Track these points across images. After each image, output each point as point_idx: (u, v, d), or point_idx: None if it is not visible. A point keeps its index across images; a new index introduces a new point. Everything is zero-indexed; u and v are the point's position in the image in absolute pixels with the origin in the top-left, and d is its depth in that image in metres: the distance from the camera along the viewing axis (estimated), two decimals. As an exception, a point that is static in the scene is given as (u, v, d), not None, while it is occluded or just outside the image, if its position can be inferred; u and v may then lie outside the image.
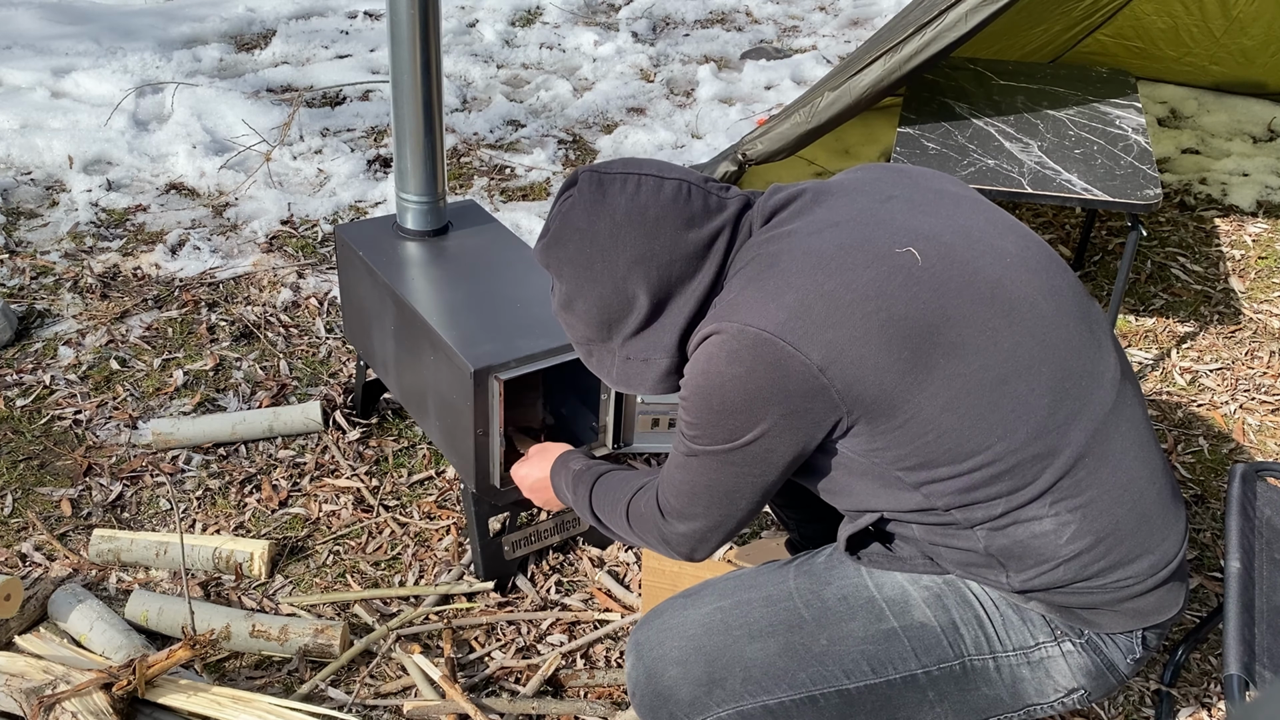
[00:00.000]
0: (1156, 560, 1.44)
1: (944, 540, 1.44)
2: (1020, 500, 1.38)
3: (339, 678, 2.12)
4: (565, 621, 2.26)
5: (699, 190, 1.48)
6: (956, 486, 1.37)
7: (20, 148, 4.04)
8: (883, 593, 1.51)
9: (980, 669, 1.48)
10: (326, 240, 3.64)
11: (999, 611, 1.48)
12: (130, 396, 2.88)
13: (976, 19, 2.69)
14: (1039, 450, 1.37)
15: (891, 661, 1.47)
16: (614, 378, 1.57)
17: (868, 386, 1.32)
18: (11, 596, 2.08)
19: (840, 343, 1.32)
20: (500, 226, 2.56)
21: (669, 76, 5.08)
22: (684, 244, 1.45)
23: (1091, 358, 1.43)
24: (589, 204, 1.48)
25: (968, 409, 1.34)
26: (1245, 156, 4.35)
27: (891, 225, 1.41)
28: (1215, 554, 2.50)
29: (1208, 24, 4.28)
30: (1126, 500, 1.41)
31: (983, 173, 2.73)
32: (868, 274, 1.34)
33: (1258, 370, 3.16)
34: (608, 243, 1.46)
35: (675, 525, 1.53)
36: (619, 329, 1.51)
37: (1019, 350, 1.36)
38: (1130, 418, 1.45)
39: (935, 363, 1.33)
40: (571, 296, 1.52)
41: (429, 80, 2.30)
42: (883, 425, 1.35)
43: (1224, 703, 1.92)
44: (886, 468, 1.39)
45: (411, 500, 2.58)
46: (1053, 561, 1.40)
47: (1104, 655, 1.47)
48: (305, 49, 5.23)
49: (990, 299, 1.37)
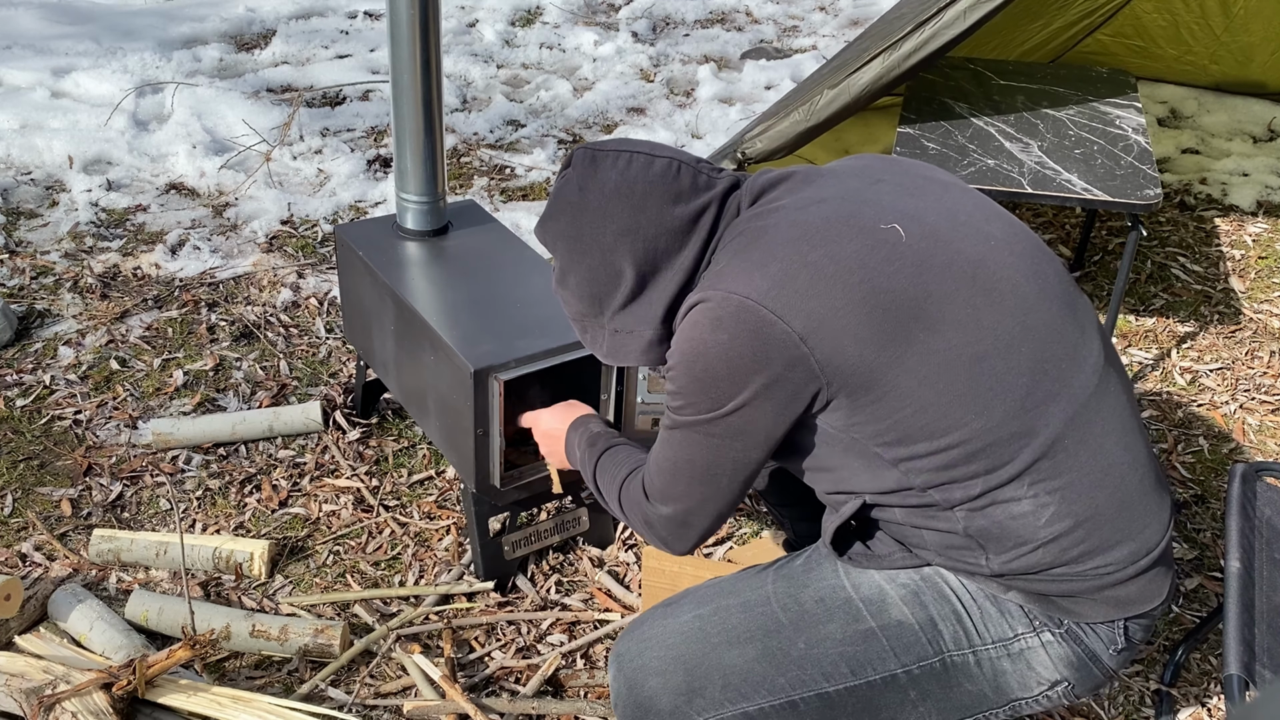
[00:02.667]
0: (1137, 548, 1.44)
1: (925, 523, 1.44)
2: (998, 480, 1.38)
3: (339, 678, 2.12)
4: (565, 621, 2.26)
5: (689, 168, 1.50)
6: (934, 464, 1.38)
7: (20, 148, 4.04)
8: (860, 593, 1.51)
9: (961, 664, 1.48)
10: (326, 240, 3.64)
11: (976, 605, 1.48)
12: (130, 396, 2.88)
13: (975, 16, 2.69)
14: (1016, 429, 1.37)
15: (870, 662, 1.48)
16: (604, 351, 1.59)
17: (848, 357, 1.34)
18: (11, 596, 2.08)
19: (822, 312, 1.33)
20: (500, 226, 2.56)
21: (669, 76, 5.08)
22: (670, 219, 1.47)
23: (1074, 342, 1.43)
24: (581, 178, 1.52)
25: (945, 384, 1.35)
26: (1245, 156, 4.35)
27: (878, 204, 1.43)
28: (1215, 554, 2.50)
29: (1208, 21, 4.28)
30: (1107, 485, 1.42)
31: (983, 173, 2.73)
32: (851, 246, 1.36)
33: (1258, 370, 3.16)
34: (596, 215, 1.49)
35: (658, 507, 1.54)
36: (608, 303, 1.53)
37: (999, 329, 1.37)
38: (1114, 405, 1.45)
39: (915, 337, 1.34)
40: (565, 270, 1.56)
41: (429, 80, 2.30)
42: (862, 398, 1.36)
43: (1224, 703, 1.92)
44: (866, 443, 1.40)
45: (411, 500, 2.58)
46: (1031, 544, 1.40)
47: (1085, 645, 1.47)
48: (305, 49, 5.23)
49: (972, 278, 1.38)
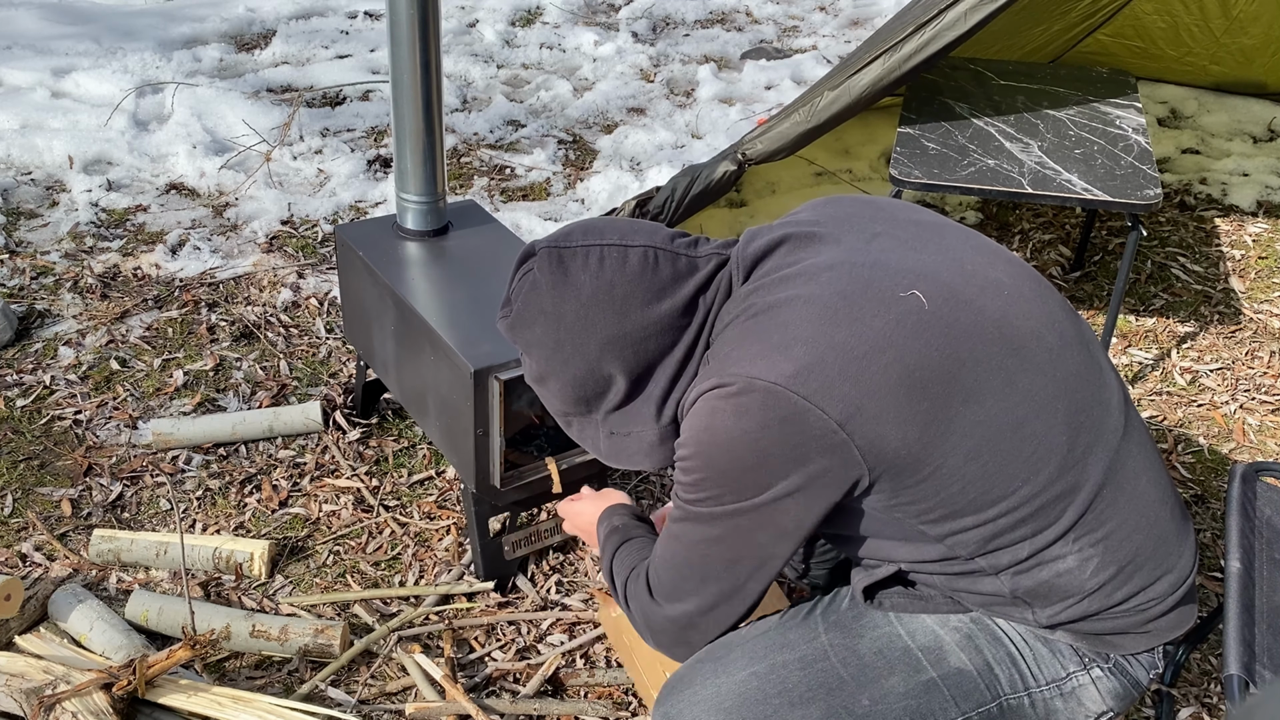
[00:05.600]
0: (1175, 579, 1.43)
1: (968, 587, 1.41)
2: (1044, 541, 1.35)
3: (339, 678, 2.12)
4: (565, 621, 2.26)
5: (667, 255, 1.40)
6: (981, 535, 1.34)
7: (20, 148, 4.04)
8: (916, 641, 1.45)
9: (1016, 707, 1.46)
10: (326, 240, 3.64)
11: (1029, 646, 1.45)
12: (130, 396, 2.88)
13: (976, 18, 2.69)
14: (1062, 489, 1.33)
15: (933, 713, 1.43)
16: (603, 453, 1.51)
17: (890, 442, 1.26)
18: (12, 596, 2.08)
19: (858, 396, 1.25)
20: (500, 226, 2.56)
21: (669, 76, 5.08)
22: (657, 317, 1.38)
23: (1097, 384, 1.40)
24: (551, 285, 1.40)
25: (991, 456, 1.30)
26: (1245, 156, 4.35)
27: (887, 266, 1.34)
28: (1215, 554, 2.50)
29: (1208, 23, 4.28)
30: (1144, 526, 1.40)
31: (983, 173, 2.73)
32: (877, 323, 1.28)
33: (1258, 370, 3.16)
34: (576, 325, 1.39)
35: (663, 608, 1.44)
36: (598, 404, 1.46)
37: (1034, 389, 1.32)
38: (1138, 439, 1.44)
39: (955, 411, 1.28)
40: (543, 375, 1.46)
41: (429, 80, 2.30)
42: (907, 480, 1.29)
43: (1224, 703, 1.92)
44: (910, 521, 1.34)
45: (411, 500, 2.58)
46: (1078, 596, 1.38)
47: (1130, 675, 1.46)
48: (305, 49, 5.23)
49: (999, 338, 1.32)
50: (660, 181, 3.81)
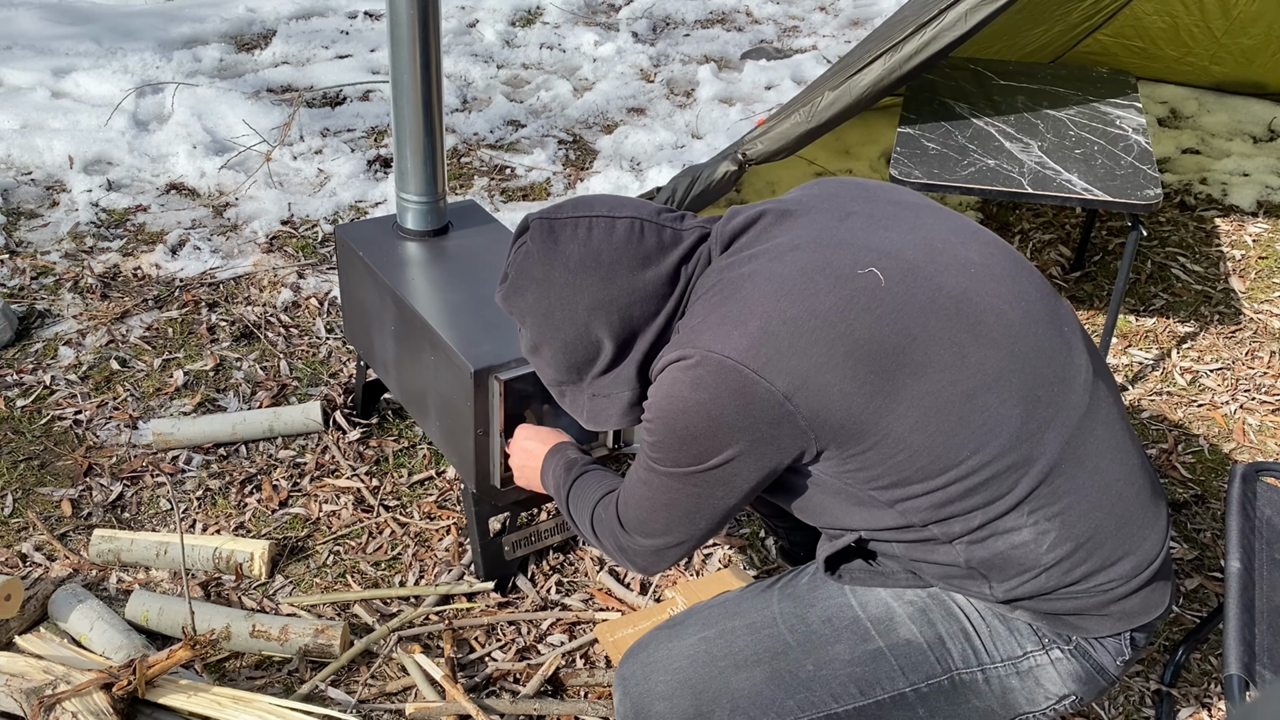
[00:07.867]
0: (1139, 561, 1.43)
1: (924, 556, 1.43)
2: (997, 511, 1.37)
3: (339, 678, 2.12)
4: (565, 621, 2.26)
5: (652, 226, 1.48)
6: (931, 502, 1.37)
7: (20, 148, 4.04)
8: (867, 611, 1.50)
9: (969, 682, 1.47)
10: (326, 240, 3.64)
11: (985, 623, 1.47)
12: (130, 396, 2.88)
13: (976, 18, 2.69)
14: (1013, 460, 1.36)
15: (879, 682, 1.47)
16: (585, 416, 1.58)
17: (834, 413, 1.33)
18: (12, 596, 2.08)
19: (805, 370, 1.32)
20: (500, 226, 2.56)
21: (669, 76, 5.08)
22: (642, 284, 1.46)
23: (1062, 362, 1.42)
24: (542, 252, 1.49)
25: (937, 426, 1.34)
26: (1245, 156, 4.35)
27: (852, 244, 1.40)
28: (1215, 554, 2.50)
29: (1208, 24, 4.28)
30: (1105, 504, 1.41)
31: (983, 173, 2.73)
32: (830, 299, 1.34)
33: (1258, 370, 3.16)
34: (565, 291, 1.48)
35: (636, 539, 1.55)
36: (587, 370, 1.53)
37: (986, 363, 1.36)
38: (1105, 419, 1.44)
39: (902, 384, 1.33)
40: (537, 343, 1.54)
41: (429, 80, 2.30)
42: (852, 449, 1.35)
43: (1224, 703, 1.92)
44: (859, 487, 1.39)
45: (412, 500, 2.58)
46: (1034, 570, 1.40)
47: (1093, 659, 1.47)
48: (305, 49, 5.23)
49: (955, 314, 1.36)
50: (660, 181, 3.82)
